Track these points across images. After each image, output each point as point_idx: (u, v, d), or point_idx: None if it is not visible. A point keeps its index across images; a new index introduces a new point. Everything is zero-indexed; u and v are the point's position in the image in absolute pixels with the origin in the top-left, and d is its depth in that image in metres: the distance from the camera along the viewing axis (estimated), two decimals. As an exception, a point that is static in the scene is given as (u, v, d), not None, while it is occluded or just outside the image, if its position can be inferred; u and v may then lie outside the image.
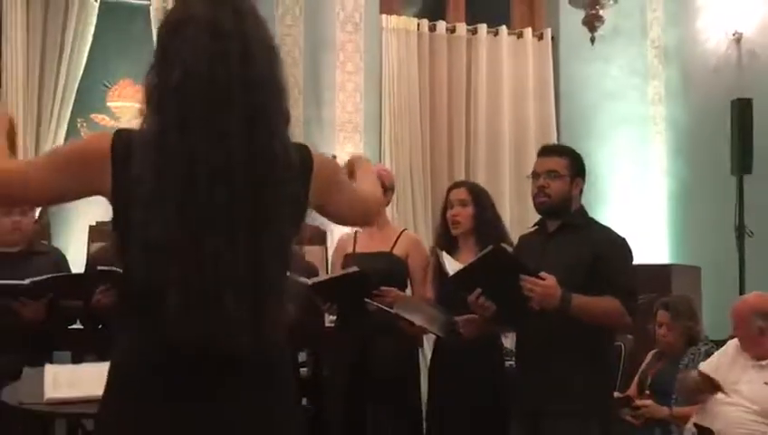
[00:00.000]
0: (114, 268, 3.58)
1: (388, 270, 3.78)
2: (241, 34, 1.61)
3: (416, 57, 6.59)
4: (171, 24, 1.64)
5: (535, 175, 3.29)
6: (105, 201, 1.66)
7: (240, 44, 1.60)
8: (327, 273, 4.66)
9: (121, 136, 1.62)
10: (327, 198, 1.82)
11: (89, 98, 6.00)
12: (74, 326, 4.07)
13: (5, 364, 3.42)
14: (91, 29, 5.92)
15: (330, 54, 6.40)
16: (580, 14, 6.11)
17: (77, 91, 5.87)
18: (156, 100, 1.60)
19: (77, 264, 4.27)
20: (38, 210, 4.83)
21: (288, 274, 1.70)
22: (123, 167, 1.58)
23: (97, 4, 5.94)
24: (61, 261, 3.97)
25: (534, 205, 3.32)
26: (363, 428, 3.79)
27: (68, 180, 1.64)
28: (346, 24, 6.46)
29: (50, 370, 2.68)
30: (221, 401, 1.62)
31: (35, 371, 2.82)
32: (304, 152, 1.74)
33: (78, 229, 5.69)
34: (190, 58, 1.57)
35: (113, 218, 1.64)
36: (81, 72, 5.88)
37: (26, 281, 3.52)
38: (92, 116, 6.02)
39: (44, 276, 3.58)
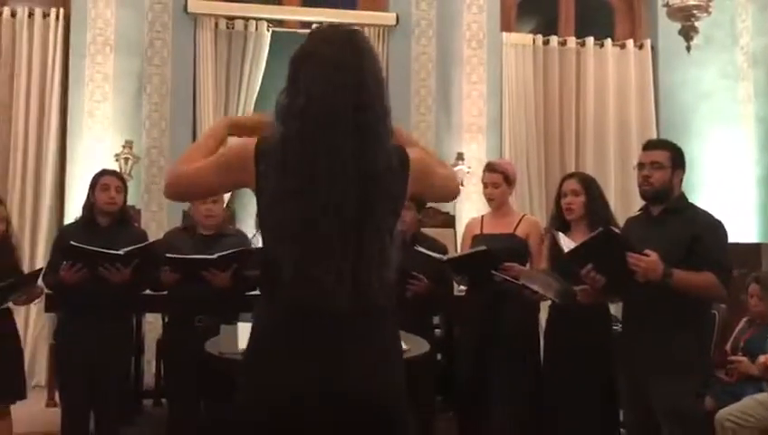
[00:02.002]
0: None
1: (512, 248, 3.76)
2: (356, 66, 1.70)
3: (531, 67, 6.52)
4: (301, 57, 1.74)
5: (641, 166, 3.23)
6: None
7: (355, 75, 1.69)
8: (456, 252, 4.69)
9: (261, 144, 1.73)
10: (422, 187, 1.87)
11: (263, 110, 6.19)
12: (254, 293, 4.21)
13: (208, 323, 3.63)
14: (265, 55, 6.13)
15: (458, 68, 6.41)
16: (677, 25, 5.87)
17: (254, 106, 6.11)
18: (283, 116, 1.70)
19: (256, 243, 4.43)
20: (227, 199, 5.05)
21: (387, 252, 1.73)
22: (263, 165, 1.70)
23: (269, 35, 6.15)
24: (244, 240, 4.08)
25: (640, 192, 3.25)
26: (488, 381, 3.79)
27: (225, 175, 1.78)
28: (471, 41, 6.45)
29: (241, 327, 2.79)
30: (329, 353, 1.67)
31: (230, 327, 2.94)
32: (402, 154, 1.78)
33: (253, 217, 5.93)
34: (313, 84, 1.67)
35: (257, 207, 1.76)
36: (257, 90, 6.11)
37: (215, 255, 3.66)
38: (266, 125, 6.24)
39: (229, 251, 3.68)
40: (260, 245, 1.91)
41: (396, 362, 1.77)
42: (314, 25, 6.37)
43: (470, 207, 5.97)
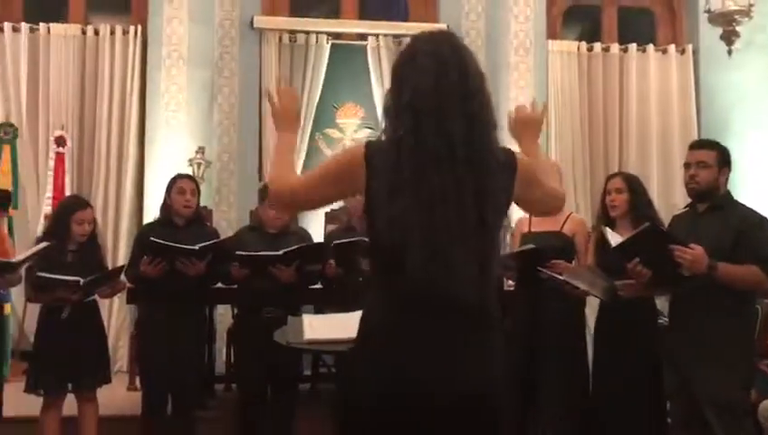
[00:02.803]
0: (354, 240, 3.75)
1: (558, 246, 3.69)
2: (457, 60, 1.66)
3: (576, 73, 6.40)
4: (404, 58, 1.71)
5: (687, 165, 3.15)
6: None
7: (457, 67, 1.65)
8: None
9: (370, 145, 1.69)
10: (525, 193, 1.79)
11: (323, 117, 6.19)
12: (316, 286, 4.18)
13: (274, 315, 3.67)
14: (324, 66, 6.14)
15: (505, 74, 6.33)
16: (718, 30, 5.71)
17: (315, 111, 6.14)
18: (393, 114, 1.66)
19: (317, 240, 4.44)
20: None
21: (498, 245, 1.69)
22: (374, 163, 1.64)
23: (329, 46, 6.18)
24: (307, 238, 4.11)
25: (687, 190, 3.18)
26: (535, 373, 3.72)
27: (334, 189, 1.74)
28: (519, 49, 6.37)
29: (306, 318, 2.80)
30: (447, 341, 1.61)
31: (296, 319, 2.96)
32: (509, 155, 1.74)
33: (317, 215, 5.97)
34: (419, 78, 1.63)
35: (366, 204, 1.69)
36: (318, 97, 6.14)
37: (280, 252, 3.71)
38: (325, 130, 6.24)
39: (293, 247, 3.73)
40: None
41: (500, 355, 1.70)
42: (370, 37, 6.36)
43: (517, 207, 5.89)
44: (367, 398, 1.61)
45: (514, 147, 1.90)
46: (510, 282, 4.13)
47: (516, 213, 5.39)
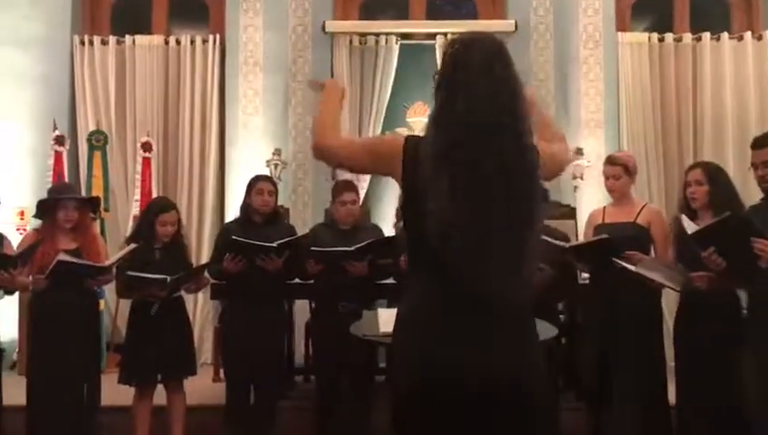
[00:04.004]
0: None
1: (633, 237, 3.59)
2: (509, 79, 1.67)
3: (647, 64, 6.20)
4: (453, 63, 1.71)
5: (754, 166, 3.02)
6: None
7: (508, 87, 1.66)
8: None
9: (410, 140, 1.74)
10: (545, 173, 1.79)
11: (393, 117, 6.21)
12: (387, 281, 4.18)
13: (349, 308, 3.71)
14: (394, 66, 6.15)
15: (575, 67, 6.20)
16: (798, 14, 5.44)
17: (385, 112, 6.16)
18: (442, 120, 1.67)
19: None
20: (362, 198, 5.13)
21: (538, 246, 1.71)
22: (411, 162, 1.69)
23: (398, 47, 6.19)
24: (378, 233, 4.13)
25: (761, 189, 3.09)
26: (609, 366, 3.63)
27: (371, 161, 1.80)
28: (588, 42, 6.22)
29: (381, 312, 2.83)
30: (484, 335, 1.64)
31: (371, 313, 2.99)
32: (537, 152, 1.74)
33: (388, 213, 6.00)
34: (472, 96, 1.64)
35: (402, 197, 1.75)
36: (388, 97, 6.16)
37: (352, 248, 3.76)
38: (396, 130, 6.24)
39: (364, 242, 3.78)
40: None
41: (539, 350, 1.75)
42: (439, 36, 6.34)
43: (589, 200, 5.76)
44: (406, 386, 1.68)
45: None
46: (584, 275, 4.05)
47: (587, 206, 5.32)
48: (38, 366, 3.62)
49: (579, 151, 5.99)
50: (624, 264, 3.40)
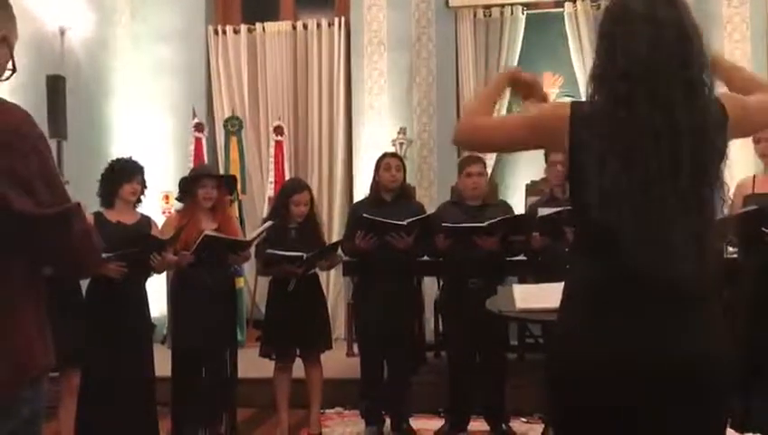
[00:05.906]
0: (559, 210, 3.58)
1: (787, 207, 3.33)
2: (674, 21, 1.50)
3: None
4: (613, 17, 1.57)
5: None
6: (535, 165, 1.64)
7: (675, 30, 1.50)
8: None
9: (576, 106, 1.59)
10: (742, 132, 1.62)
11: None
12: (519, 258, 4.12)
13: (479, 285, 3.68)
14: (520, 38, 6.01)
15: (719, 28, 5.76)
16: None
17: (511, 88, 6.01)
18: (605, 81, 1.54)
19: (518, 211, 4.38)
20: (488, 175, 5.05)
21: (716, 215, 1.52)
22: (579, 129, 1.54)
23: (524, 17, 6.02)
24: (508, 209, 4.07)
25: None
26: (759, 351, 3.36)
27: (534, 136, 1.64)
28: (732, 0, 5.78)
29: (517, 288, 2.76)
30: (661, 317, 1.49)
31: (506, 288, 2.93)
32: (720, 105, 1.55)
33: (518, 187, 5.88)
34: (633, 44, 1.50)
35: (569, 169, 1.60)
36: (514, 70, 6.01)
37: (484, 223, 3.71)
38: (524, 102, 6.12)
39: (498, 218, 3.72)
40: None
41: (719, 328, 1.54)
42: (567, 3, 6.05)
43: (735, 168, 5.37)
44: (572, 367, 1.54)
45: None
46: (731, 249, 3.79)
47: (734, 175, 4.96)
48: (181, 338, 3.80)
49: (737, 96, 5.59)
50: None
